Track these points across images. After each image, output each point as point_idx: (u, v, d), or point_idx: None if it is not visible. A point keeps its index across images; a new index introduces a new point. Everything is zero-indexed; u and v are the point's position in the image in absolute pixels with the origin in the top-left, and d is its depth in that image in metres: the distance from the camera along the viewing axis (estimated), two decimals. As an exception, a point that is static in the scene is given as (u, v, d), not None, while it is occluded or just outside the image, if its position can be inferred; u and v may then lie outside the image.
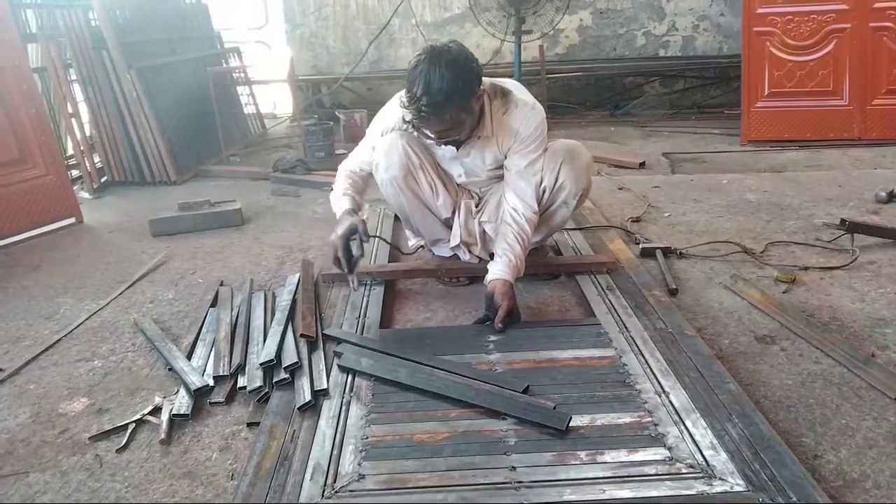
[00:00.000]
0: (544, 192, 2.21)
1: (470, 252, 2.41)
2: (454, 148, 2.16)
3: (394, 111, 2.16)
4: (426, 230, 2.42)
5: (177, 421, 1.68)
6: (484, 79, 2.07)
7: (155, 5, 4.80)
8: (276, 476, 1.40)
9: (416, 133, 2.11)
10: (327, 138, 4.72)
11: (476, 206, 2.36)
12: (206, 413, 1.73)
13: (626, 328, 1.97)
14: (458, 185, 2.35)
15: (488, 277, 2.09)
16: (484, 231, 2.35)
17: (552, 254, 2.60)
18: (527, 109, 2.11)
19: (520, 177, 2.16)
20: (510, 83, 2.20)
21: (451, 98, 1.90)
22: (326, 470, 1.41)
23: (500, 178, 2.26)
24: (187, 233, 3.22)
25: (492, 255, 2.18)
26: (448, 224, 2.38)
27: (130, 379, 1.93)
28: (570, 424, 1.50)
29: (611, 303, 2.15)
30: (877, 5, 4.23)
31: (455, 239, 2.38)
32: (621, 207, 3.30)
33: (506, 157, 2.18)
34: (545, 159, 2.18)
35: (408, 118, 1.99)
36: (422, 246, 2.58)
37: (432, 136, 2.05)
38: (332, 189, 2.29)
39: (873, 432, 1.52)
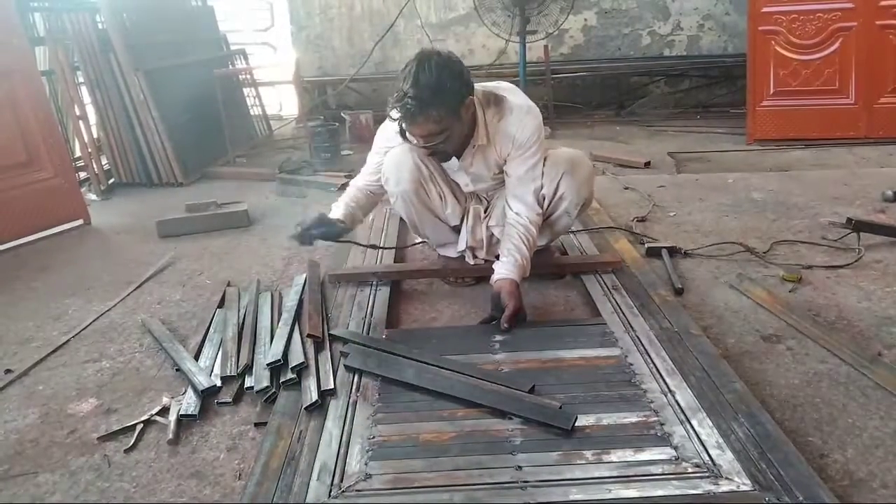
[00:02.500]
0: (544, 199, 2.20)
1: (475, 256, 2.41)
2: (455, 159, 2.16)
3: (393, 126, 2.15)
4: (434, 235, 2.43)
5: (184, 421, 1.70)
6: (476, 86, 2.07)
7: (161, 8, 4.82)
8: (284, 476, 1.41)
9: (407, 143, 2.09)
10: (333, 139, 4.73)
11: (484, 211, 2.36)
12: (213, 413, 1.74)
13: (632, 328, 1.97)
14: (466, 192, 2.35)
15: (494, 277, 2.09)
16: (491, 235, 2.35)
17: (558, 254, 2.60)
18: (522, 114, 2.10)
19: (520, 182, 2.15)
20: (505, 87, 2.20)
21: (438, 95, 1.90)
22: (333, 470, 1.42)
23: None
24: (194, 234, 3.24)
25: (497, 257, 2.18)
26: (457, 230, 2.38)
27: (138, 379, 1.94)
28: (575, 424, 1.51)
29: (616, 302, 2.15)
30: (883, 3, 4.20)
31: (462, 244, 2.38)
32: (627, 207, 3.30)
33: (505, 163, 2.18)
34: (546, 168, 2.17)
35: (395, 116, 1.98)
36: (425, 243, 2.58)
37: (418, 140, 2.03)
38: (338, 189, 2.29)
39: (880, 431, 1.52)
